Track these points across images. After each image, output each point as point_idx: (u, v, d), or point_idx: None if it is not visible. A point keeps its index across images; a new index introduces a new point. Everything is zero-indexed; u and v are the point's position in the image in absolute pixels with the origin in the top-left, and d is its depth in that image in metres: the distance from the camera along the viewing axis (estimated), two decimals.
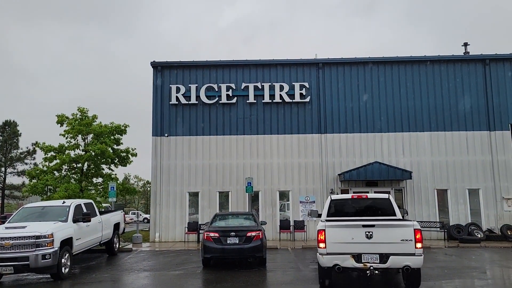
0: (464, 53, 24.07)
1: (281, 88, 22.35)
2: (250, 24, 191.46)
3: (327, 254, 9.09)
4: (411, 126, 22.11)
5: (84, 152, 23.03)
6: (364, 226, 8.97)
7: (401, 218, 10.28)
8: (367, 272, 8.86)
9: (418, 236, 8.69)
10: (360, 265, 8.88)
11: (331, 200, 11.02)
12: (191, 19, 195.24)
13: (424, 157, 21.90)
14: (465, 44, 24.46)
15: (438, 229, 20.57)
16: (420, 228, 8.85)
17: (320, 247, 9.16)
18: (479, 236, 19.87)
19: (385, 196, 10.90)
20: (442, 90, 22.31)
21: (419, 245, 8.68)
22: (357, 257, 8.90)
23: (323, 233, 9.15)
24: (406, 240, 8.68)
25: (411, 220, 9.23)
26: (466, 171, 21.74)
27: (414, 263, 8.70)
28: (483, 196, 21.48)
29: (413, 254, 8.67)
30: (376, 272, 8.87)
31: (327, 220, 10.00)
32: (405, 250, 8.69)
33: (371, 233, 8.87)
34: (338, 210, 10.85)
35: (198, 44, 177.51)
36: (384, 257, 8.78)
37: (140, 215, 51.26)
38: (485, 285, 10.48)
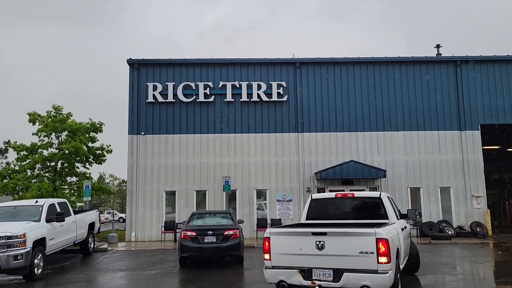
0: (436, 54, 24.68)
1: (259, 87, 22.44)
2: (231, 26, 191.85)
3: (272, 267, 7.42)
4: (386, 125, 22.55)
5: (57, 151, 22.57)
6: (314, 234, 7.14)
7: (393, 222, 8.42)
8: None
9: (382, 248, 6.62)
10: (308, 283, 7.08)
11: (312, 200, 9.42)
12: (173, 21, 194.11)
13: (398, 156, 22.38)
14: (438, 46, 25.09)
15: (411, 226, 21.03)
16: (386, 237, 6.70)
17: (265, 259, 7.53)
18: (450, 233, 20.45)
19: (376, 194, 9.13)
20: (416, 90, 22.83)
21: (383, 259, 6.60)
22: (307, 272, 7.10)
23: (268, 242, 7.50)
24: (366, 252, 6.68)
25: (377, 226, 7.10)
26: (438, 170, 22.33)
27: (374, 283, 6.65)
28: (453, 194, 22.12)
29: (375, 271, 6.63)
30: None
31: (285, 226, 8.89)
32: (364, 265, 6.72)
33: (322, 243, 7.00)
34: (319, 211, 9.27)
35: (180, 45, 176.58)
36: (338, 274, 6.90)
37: (116, 214, 50.61)
38: (455, 280, 10.82)
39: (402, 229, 8.82)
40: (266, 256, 7.52)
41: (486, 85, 22.84)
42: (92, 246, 16.94)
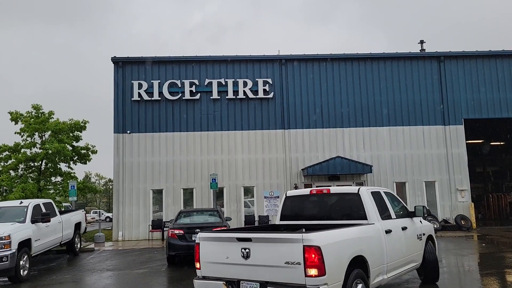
0: (420, 50, 24.95)
1: (245, 84, 22.43)
2: (217, 25, 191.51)
3: (202, 278, 6.60)
4: (371, 121, 22.75)
5: (41, 151, 22.28)
6: (239, 240, 6.14)
7: (372, 223, 7.21)
8: None
9: (312, 257, 5.46)
10: None
11: (286, 198, 8.36)
12: (160, 21, 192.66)
13: (383, 151, 22.60)
14: (421, 42, 25.36)
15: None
16: (318, 244, 5.50)
17: (196, 268, 6.71)
18: (435, 226, 20.74)
19: (354, 190, 7.69)
20: (400, 86, 23.07)
21: (313, 271, 5.44)
22: (234, 285, 6.10)
23: (198, 248, 6.69)
24: (292, 263, 5.57)
25: (312, 230, 6.00)
26: (423, 164, 22.62)
27: None
28: (438, 188, 22.44)
29: (303, 287, 5.53)
30: None
31: (243, 229, 7.91)
32: (289, 278, 5.63)
33: (247, 250, 5.97)
34: (294, 210, 8.20)
35: (166, 44, 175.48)
36: None
37: (102, 214, 50.17)
38: (441, 273, 10.99)
39: (403, 229, 7.87)
40: (197, 265, 6.68)
41: (469, 80, 23.19)
42: (78, 246, 16.80)
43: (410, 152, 22.66)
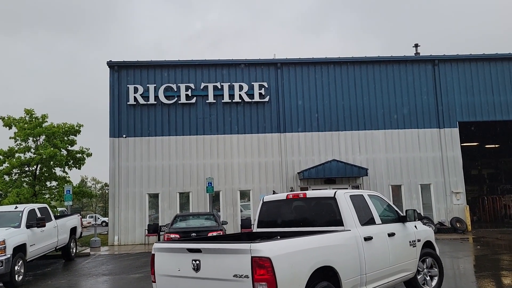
0: (415, 54, 25.11)
1: (241, 88, 22.47)
2: (216, 34, 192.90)
3: None
4: (367, 124, 22.83)
5: (35, 155, 22.18)
6: (189, 250, 5.70)
7: (348, 229, 6.61)
8: None
9: (261, 269, 5.02)
10: None
11: (263, 203, 7.78)
12: (162, 31, 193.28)
13: (379, 154, 22.68)
14: (416, 45, 25.53)
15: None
16: (269, 255, 5.05)
17: (152, 281, 6.22)
18: (431, 229, 20.81)
19: (330, 194, 7.03)
20: (395, 89, 23.19)
21: (262, 285, 5.01)
22: None
23: (153, 259, 6.20)
24: (240, 276, 5.13)
25: (262, 240, 5.81)
26: (418, 167, 22.72)
27: None
28: (434, 191, 22.53)
29: None
30: None
31: (248, 235, 7.40)
32: None
33: (198, 262, 5.55)
34: (271, 217, 7.65)
35: (167, 52, 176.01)
36: None
37: (98, 218, 49.95)
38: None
39: (390, 235, 7.29)
40: (152, 278, 6.18)
41: (464, 83, 23.35)
42: (74, 251, 16.71)
43: (405, 155, 22.75)
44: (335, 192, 6.96)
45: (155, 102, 22.21)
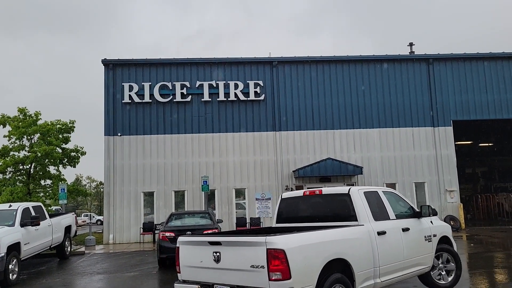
0: (409, 53, 25.21)
1: (236, 86, 22.46)
2: (213, 35, 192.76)
3: (182, 281, 6.61)
4: (362, 123, 22.91)
5: (29, 153, 22.07)
6: (210, 243, 6.19)
7: (362, 224, 6.94)
8: None
9: (275, 260, 5.42)
10: None
11: (281, 200, 8.24)
12: (159, 32, 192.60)
13: (374, 152, 22.77)
14: (411, 44, 25.64)
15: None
16: (283, 247, 5.44)
17: (177, 272, 6.76)
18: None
19: (344, 191, 7.40)
20: (390, 88, 23.27)
21: (277, 275, 5.39)
22: None
23: (178, 252, 6.73)
24: (257, 266, 5.56)
25: (277, 233, 6.12)
26: (413, 166, 22.83)
27: None
28: (428, 189, 22.65)
29: None
30: None
31: (267, 229, 7.78)
32: (255, 282, 5.60)
33: (218, 254, 6.01)
34: (290, 212, 8.07)
35: (164, 53, 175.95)
36: None
37: (93, 217, 49.79)
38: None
39: (404, 230, 7.53)
40: (177, 268, 6.72)
41: (458, 82, 23.47)
42: (69, 249, 16.67)
43: (400, 154, 22.85)
44: (349, 189, 7.29)
45: (150, 101, 22.16)
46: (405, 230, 7.56)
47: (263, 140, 22.45)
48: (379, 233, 6.93)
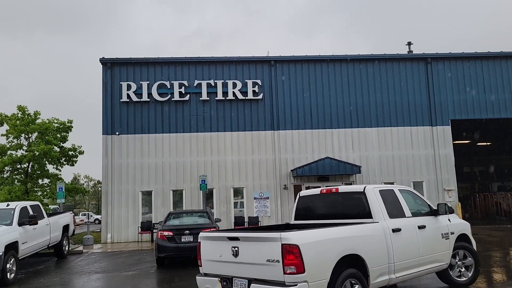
0: (408, 52, 25.22)
1: (234, 85, 22.44)
2: (211, 35, 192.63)
3: (204, 275, 6.96)
4: (360, 122, 22.91)
5: (27, 152, 22.02)
6: (229, 239, 6.52)
7: (376, 221, 7.15)
8: None
9: (290, 255, 5.68)
10: None
11: (299, 197, 8.49)
12: (158, 32, 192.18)
13: (372, 152, 22.78)
14: (409, 44, 25.64)
15: None
16: (297, 243, 5.71)
17: (199, 266, 7.08)
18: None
19: (359, 189, 7.64)
20: (388, 87, 23.28)
21: (291, 269, 5.66)
22: (228, 281, 6.46)
23: (199, 246, 7.06)
24: (272, 261, 5.84)
25: (291, 230, 6.37)
26: (411, 165, 22.85)
27: None
28: (426, 188, 22.67)
29: (282, 284, 5.75)
30: None
31: (285, 226, 8.08)
32: (271, 275, 5.88)
33: (236, 249, 6.32)
34: (307, 210, 8.35)
35: (162, 53, 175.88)
36: (250, 284, 6.20)
37: (91, 216, 49.73)
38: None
39: (420, 227, 7.70)
40: (199, 262, 7.06)
41: (456, 81, 23.49)
42: (67, 249, 16.65)
43: (398, 153, 22.87)
44: (365, 187, 7.54)
45: (148, 100, 22.12)
46: (421, 227, 7.73)
47: (261, 139, 22.45)
48: (394, 230, 7.14)
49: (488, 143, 31.83)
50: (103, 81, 22.29)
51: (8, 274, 11.25)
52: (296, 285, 5.67)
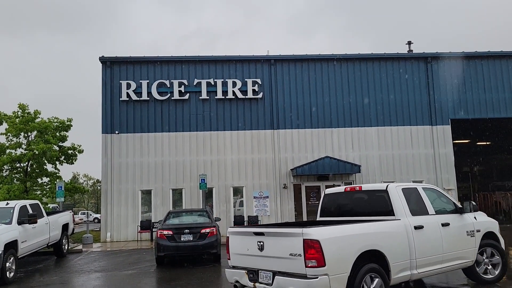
0: (408, 51, 25.18)
1: (234, 84, 22.41)
2: (211, 32, 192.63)
3: (232, 267, 7.41)
4: (360, 121, 22.90)
5: (26, 151, 22.01)
6: (255, 234, 6.95)
7: (398, 219, 7.40)
8: None
9: (311, 249, 6.03)
10: (251, 285, 6.94)
11: (324, 195, 8.86)
12: (158, 31, 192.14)
13: (372, 151, 22.76)
14: (409, 43, 25.59)
15: None
16: (318, 238, 6.06)
17: (228, 259, 7.54)
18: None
19: (382, 187, 7.89)
20: (388, 86, 23.26)
21: (313, 262, 6.00)
22: (254, 273, 6.88)
23: (228, 241, 7.52)
24: (295, 255, 6.21)
25: (312, 225, 6.75)
26: (411, 164, 22.84)
27: None
28: None
29: (304, 276, 6.09)
30: None
31: (310, 222, 8.43)
32: (293, 268, 6.26)
33: (262, 243, 6.75)
34: (331, 207, 8.68)
35: (161, 51, 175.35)
36: (274, 277, 6.58)
37: (90, 215, 49.73)
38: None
39: (444, 225, 7.89)
40: (228, 256, 7.55)
41: (456, 81, 23.46)
42: (66, 247, 16.65)
43: (398, 152, 22.86)
44: (387, 186, 7.81)
45: (148, 98, 22.09)
46: (445, 225, 7.94)
47: (261, 138, 22.42)
48: (416, 227, 7.38)
49: (488, 143, 31.81)
50: (103, 80, 22.26)
51: (8, 273, 11.24)
52: (317, 277, 5.99)
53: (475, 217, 8.64)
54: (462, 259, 8.18)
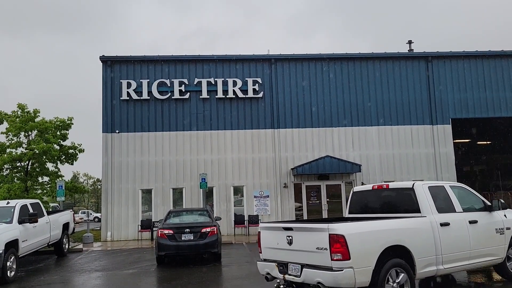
0: (408, 50, 25.17)
1: (234, 83, 22.41)
2: (211, 32, 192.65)
3: (264, 260, 7.82)
4: (360, 121, 22.89)
5: (27, 150, 22.02)
6: (284, 229, 7.34)
7: (424, 216, 7.60)
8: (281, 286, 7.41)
9: (336, 243, 6.38)
10: (280, 276, 7.32)
11: (353, 193, 9.16)
12: (158, 31, 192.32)
13: (372, 150, 22.76)
14: (410, 42, 25.57)
15: None
16: (343, 233, 6.39)
17: (259, 252, 7.98)
18: None
19: (409, 185, 8.11)
20: (389, 85, 23.25)
21: (338, 256, 6.37)
22: (284, 266, 7.26)
23: (259, 235, 7.95)
24: (321, 248, 6.56)
25: (338, 221, 7.25)
26: (411, 164, 22.83)
27: (327, 280, 6.43)
28: None
29: (330, 269, 6.44)
30: (294, 286, 7.32)
31: (338, 219, 8.71)
32: (320, 261, 6.62)
33: (291, 238, 7.13)
34: (360, 204, 8.96)
35: (161, 51, 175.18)
36: (302, 269, 6.98)
37: (91, 214, 49.86)
38: None
39: (471, 222, 8.06)
40: (259, 249, 7.95)
41: (457, 80, 23.46)
42: (67, 247, 16.65)
43: (398, 152, 22.85)
44: (413, 184, 8.04)
45: (149, 98, 22.09)
46: (473, 222, 8.10)
47: (261, 137, 22.42)
48: (442, 224, 7.60)
49: (488, 142, 31.77)
50: (103, 79, 22.26)
51: (8, 272, 11.26)
52: (342, 270, 6.33)
53: (505, 215, 8.75)
54: (491, 256, 8.31)
